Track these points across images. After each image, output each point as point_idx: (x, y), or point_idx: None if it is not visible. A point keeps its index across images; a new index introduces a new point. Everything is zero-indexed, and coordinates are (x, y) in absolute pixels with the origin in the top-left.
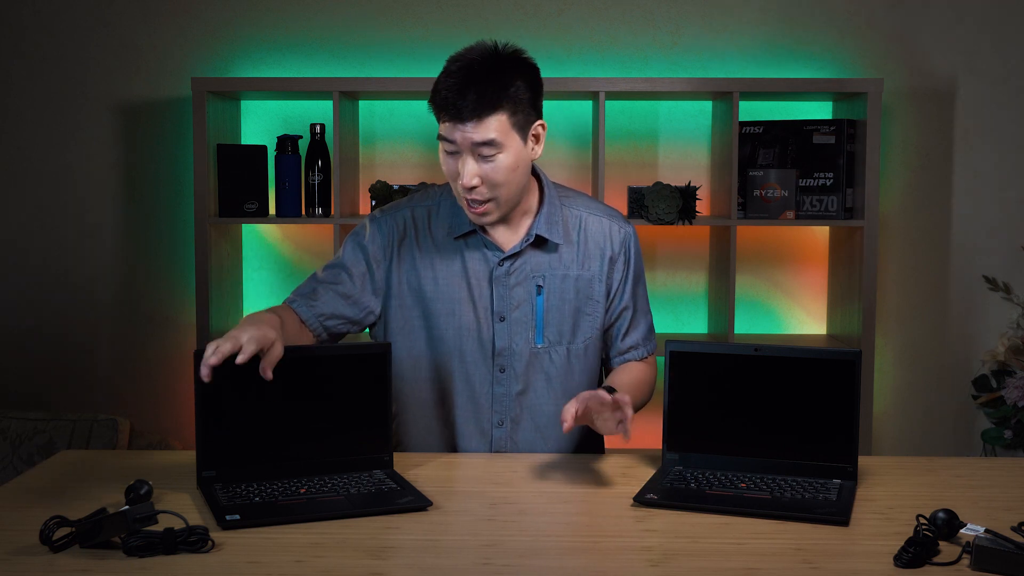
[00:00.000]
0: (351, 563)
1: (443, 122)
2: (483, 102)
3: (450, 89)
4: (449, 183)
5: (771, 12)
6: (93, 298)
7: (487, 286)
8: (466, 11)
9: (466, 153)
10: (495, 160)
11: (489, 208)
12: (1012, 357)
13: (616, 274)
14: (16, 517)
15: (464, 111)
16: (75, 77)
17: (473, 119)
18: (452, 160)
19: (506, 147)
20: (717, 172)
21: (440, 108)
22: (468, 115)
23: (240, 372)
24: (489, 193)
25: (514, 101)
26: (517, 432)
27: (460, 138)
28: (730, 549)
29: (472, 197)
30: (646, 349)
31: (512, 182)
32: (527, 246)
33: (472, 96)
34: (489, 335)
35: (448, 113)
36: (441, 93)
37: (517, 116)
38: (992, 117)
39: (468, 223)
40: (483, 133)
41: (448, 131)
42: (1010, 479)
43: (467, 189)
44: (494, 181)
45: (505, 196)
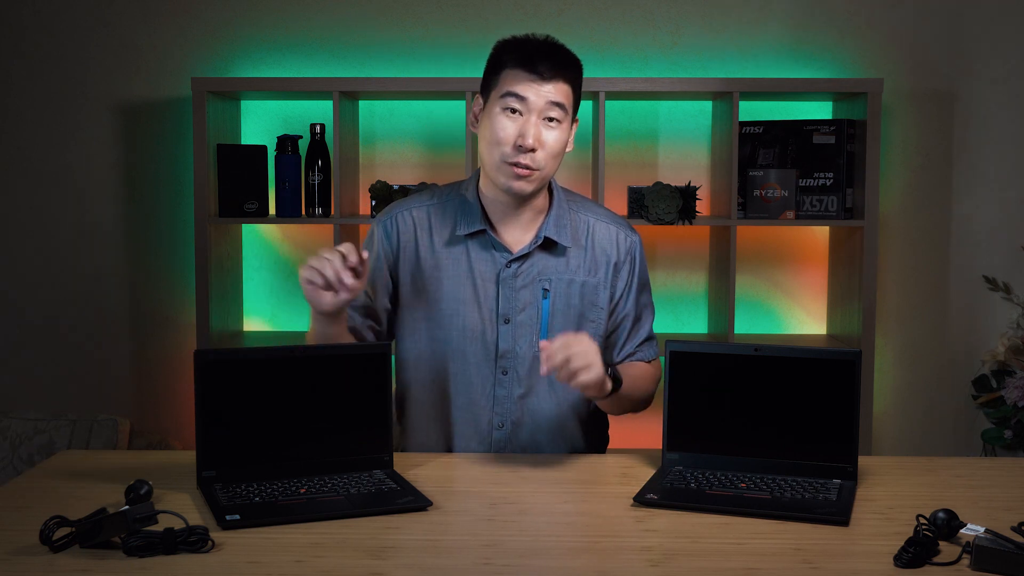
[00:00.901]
0: (351, 563)
1: (518, 75)
2: (564, 64)
3: (537, 47)
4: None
5: (771, 12)
6: (93, 298)
7: (493, 287)
8: (466, 11)
9: (533, 115)
10: (557, 129)
11: (535, 176)
12: (1012, 357)
13: (620, 282)
14: (16, 517)
15: (549, 69)
16: (75, 77)
17: (552, 78)
18: (512, 121)
19: (565, 121)
20: (717, 172)
21: (520, 61)
22: (551, 74)
23: (240, 372)
24: (542, 161)
25: (578, 79)
26: (517, 435)
27: (535, 96)
28: (730, 549)
29: (525, 161)
30: (647, 356)
31: (558, 159)
32: (535, 249)
33: (558, 57)
34: (493, 337)
35: (529, 65)
36: (525, 48)
37: (576, 96)
38: (992, 117)
39: (479, 221)
40: (558, 95)
41: (522, 85)
42: (1010, 479)
43: (525, 151)
44: (552, 149)
45: (549, 170)
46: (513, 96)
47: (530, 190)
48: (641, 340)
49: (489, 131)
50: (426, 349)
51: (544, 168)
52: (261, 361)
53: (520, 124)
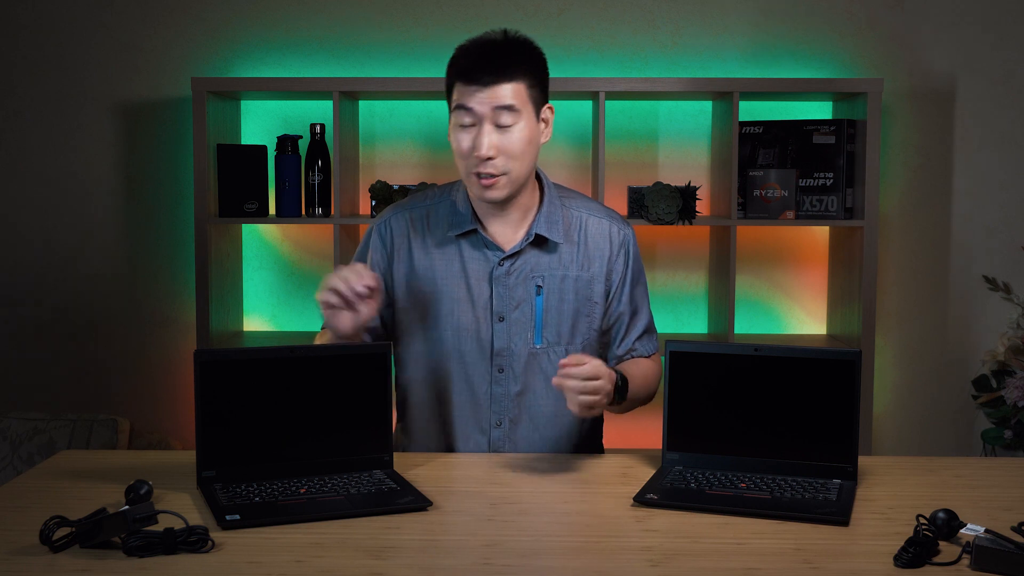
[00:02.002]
0: (351, 563)
1: (462, 89)
2: (504, 65)
3: (470, 55)
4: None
5: (771, 12)
6: (93, 298)
7: (487, 286)
8: (466, 11)
9: (484, 122)
10: (513, 131)
11: (501, 182)
12: (1012, 357)
13: (615, 276)
14: (16, 517)
15: (485, 74)
16: (75, 77)
17: (493, 83)
18: (467, 134)
19: (523, 117)
20: (717, 172)
21: (460, 73)
22: (489, 78)
23: (240, 372)
24: (504, 166)
25: (530, 72)
26: (515, 432)
27: (479, 103)
28: (730, 549)
29: (487, 170)
30: (646, 350)
31: (527, 156)
32: (527, 246)
33: (496, 60)
34: (488, 335)
35: (468, 77)
36: (461, 61)
37: (533, 90)
38: (992, 117)
39: (469, 220)
40: (502, 97)
41: (467, 98)
42: (1010, 479)
43: (483, 160)
44: (511, 152)
45: (517, 172)
46: (462, 109)
47: (502, 196)
48: (639, 333)
49: (453, 145)
50: (423, 349)
51: (511, 171)
52: (261, 361)
53: (474, 135)
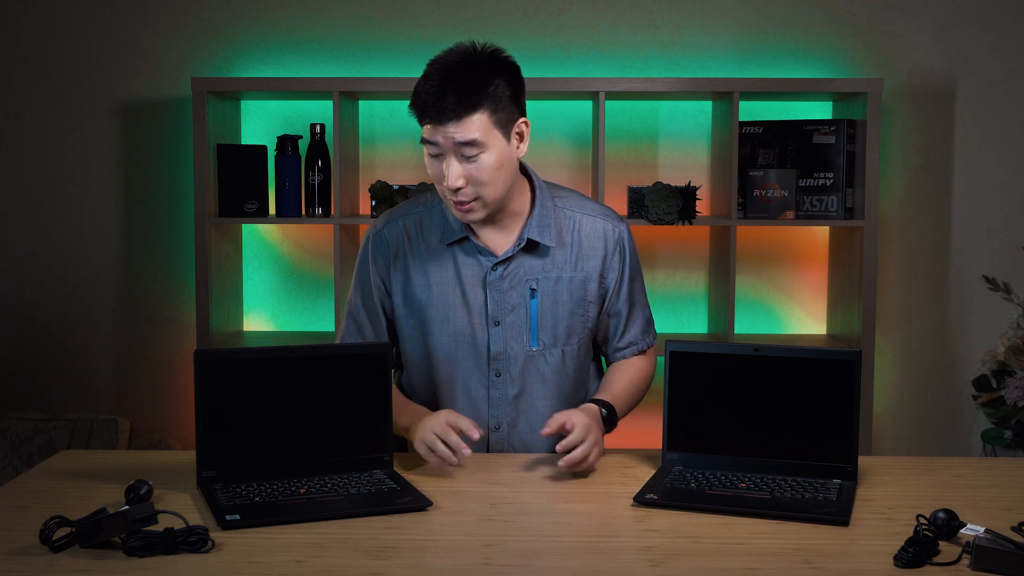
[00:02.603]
0: (351, 563)
1: (425, 125)
2: (462, 102)
3: (429, 92)
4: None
5: (771, 12)
6: (93, 298)
7: (481, 291)
8: (466, 11)
9: (449, 154)
10: (479, 160)
11: (475, 207)
12: (1012, 357)
13: (611, 273)
14: (16, 517)
15: (444, 112)
16: (75, 77)
17: (453, 119)
18: (436, 162)
19: (489, 146)
20: (717, 172)
21: (421, 111)
22: (448, 116)
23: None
24: (474, 193)
25: (494, 99)
26: (513, 435)
27: (442, 139)
28: (730, 549)
29: (458, 199)
30: (644, 343)
31: (497, 180)
32: (519, 250)
33: (451, 97)
34: (484, 340)
35: (428, 115)
36: (420, 96)
37: (498, 114)
38: (992, 117)
39: (460, 229)
40: (464, 133)
41: (430, 133)
42: (1010, 479)
43: (452, 191)
44: (479, 180)
45: (491, 195)
46: (427, 142)
47: (480, 217)
48: (637, 328)
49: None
50: (421, 355)
51: (482, 195)
52: (261, 361)
53: (441, 164)
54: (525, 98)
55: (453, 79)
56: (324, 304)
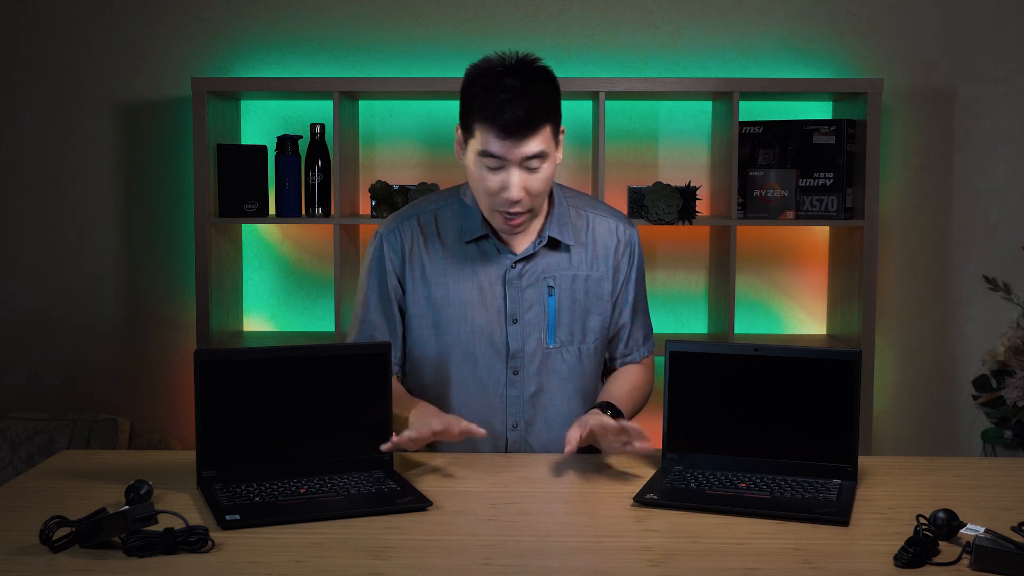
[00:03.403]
0: (351, 563)
1: (492, 139)
2: (537, 116)
3: (500, 106)
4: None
5: (771, 12)
6: (93, 298)
7: (500, 289)
8: (466, 11)
9: (513, 167)
10: (540, 171)
11: (527, 218)
12: (1012, 357)
13: (620, 274)
14: (16, 517)
15: (521, 127)
16: (75, 77)
17: (529, 134)
18: (494, 175)
19: (549, 157)
20: (717, 172)
21: (491, 125)
22: (525, 131)
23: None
24: (529, 204)
25: (554, 111)
26: (531, 433)
27: (513, 153)
28: (730, 549)
29: (515, 210)
30: (646, 349)
31: (547, 190)
32: (539, 248)
33: (525, 111)
34: (502, 338)
35: (504, 131)
36: (489, 110)
37: (555, 126)
38: (992, 117)
39: (479, 227)
40: (534, 146)
41: (499, 147)
42: (1010, 479)
43: (512, 203)
44: (536, 191)
45: (539, 204)
46: (489, 156)
47: (525, 229)
48: (639, 335)
49: (474, 178)
50: (435, 354)
51: (535, 204)
52: (261, 361)
53: (502, 178)
54: None
55: (524, 94)
56: (324, 304)
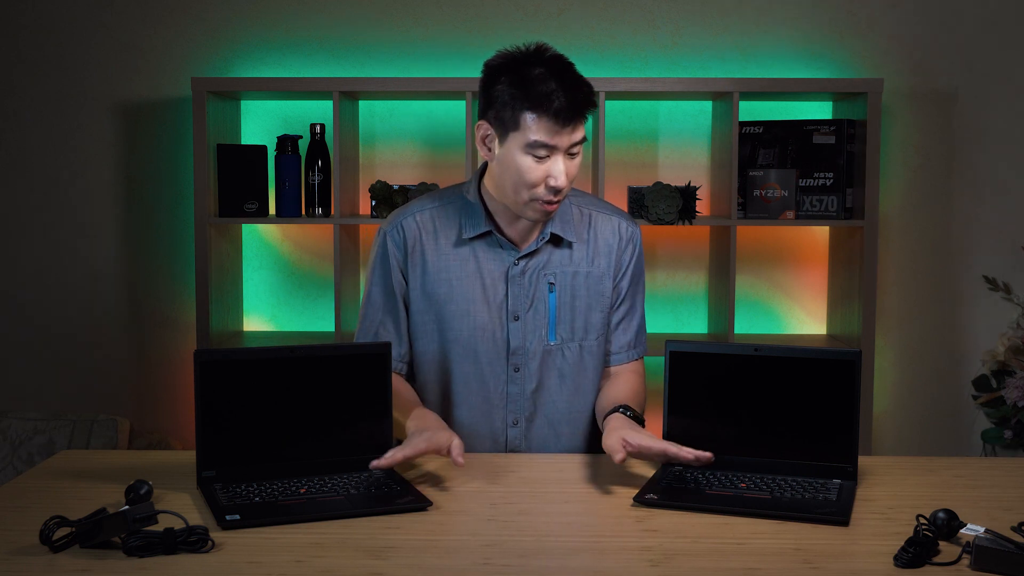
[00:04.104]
0: (351, 563)
1: (545, 128)
2: (587, 104)
3: (551, 96)
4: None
5: (771, 12)
6: (93, 298)
7: (502, 285)
8: (466, 11)
9: (560, 155)
10: (577, 157)
11: (559, 203)
12: (1012, 357)
13: (621, 265)
14: (16, 517)
15: (574, 114)
16: (75, 77)
17: (580, 121)
18: (540, 165)
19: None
20: (717, 172)
21: (547, 115)
22: (578, 118)
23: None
24: (567, 190)
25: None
26: (531, 431)
27: (564, 141)
28: (730, 549)
29: (556, 198)
30: (637, 351)
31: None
32: (543, 244)
33: (577, 100)
34: (503, 334)
35: (559, 119)
36: (543, 101)
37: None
38: (992, 117)
39: (483, 223)
40: (581, 133)
41: (550, 136)
42: (1010, 479)
43: (558, 191)
44: (573, 176)
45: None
46: (542, 146)
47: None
48: (636, 332)
49: (515, 172)
50: (438, 351)
51: (568, 190)
52: (261, 361)
53: (548, 166)
54: None
55: (570, 82)
56: (324, 304)
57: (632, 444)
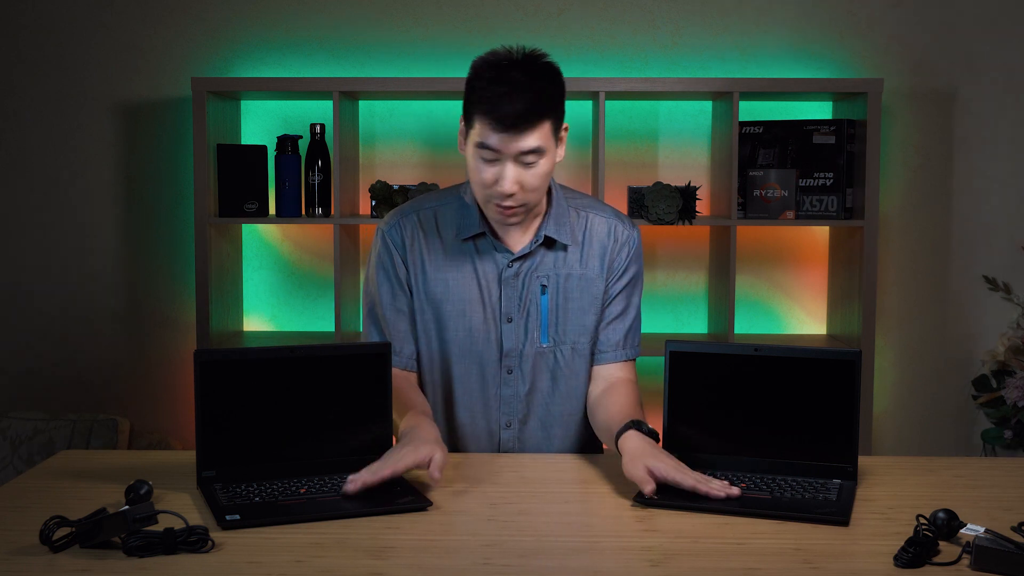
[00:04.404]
0: (351, 563)
1: (488, 131)
2: (534, 111)
3: (499, 98)
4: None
5: (771, 12)
6: (93, 298)
7: (496, 287)
8: (466, 11)
9: (508, 160)
10: (536, 167)
11: (521, 212)
12: (1012, 357)
13: (613, 273)
14: (16, 517)
15: (517, 121)
16: (75, 77)
17: (526, 128)
18: (489, 167)
19: (546, 153)
20: (717, 172)
21: (489, 118)
22: (522, 124)
23: (240, 372)
24: (523, 198)
25: (556, 108)
26: (524, 433)
27: (508, 147)
28: (730, 549)
29: (508, 204)
30: (627, 352)
31: (544, 186)
32: (536, 247)
33: (522, 105)
34: (497, 336)
35: (499, 123)
36: (490, 102)
37: (556, 122)
38: (992, 117)
39: (477, 225)
40: (531, 141)
41: (495, 140)
42: (1010, 479)
43: (505, 196)
44: (531, 186)
45: (535, 200)
46: (485, 148)
47: (520, 221)
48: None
49: (471, 170)
50: (436, 351)
51: (529, 201)
52: (261, 361)
53: (497, 169)
54: None
55: (522, 87)
56: (324, 304)
57: (660, 476)
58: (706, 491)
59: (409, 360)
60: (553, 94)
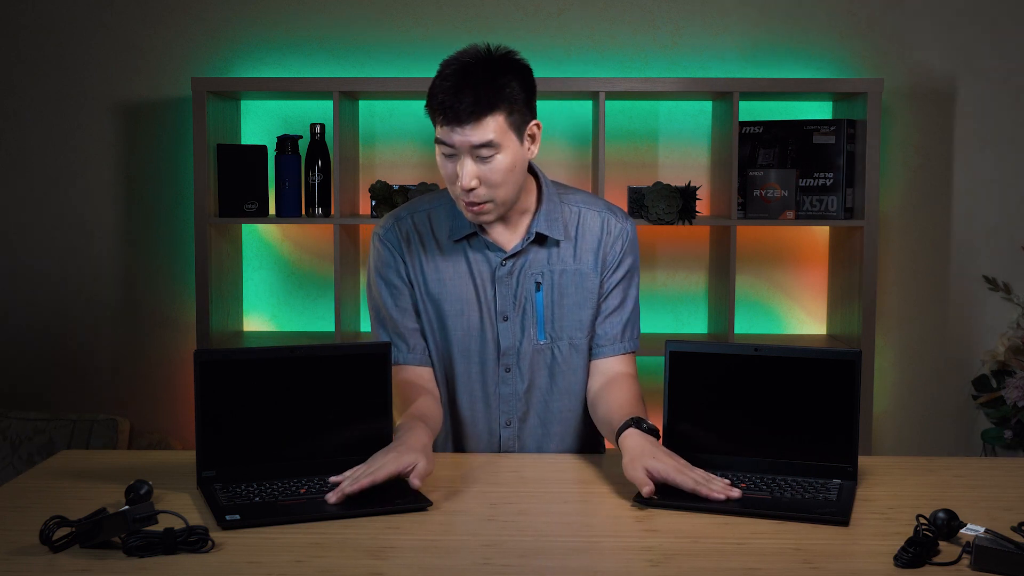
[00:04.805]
0: (351, 563)
1: (440, 126)
2: (481, 104)
3: (446, 92)
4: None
5: (771, 12)
6: (93, 298)
7: (491, 286)
8: (466, 11)
9: (464, 155)
10: (493, 161)
11: (487, 208)
12: (1012, 357)
13: (608, 267)
14: (16, 517)
15: (462, 114)
16: (75, 77)
17: (471, 121)
18: (450, 163)
19: (504, 148)
20: (717, 172)
21: (437, 112)
22: (466, 117)
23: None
24: (487, 194)
25: (510, 101)
26: (523, 430)
27: (458, 141)
28: (730, 549)
29: (470, 199)
30: (626, 345)
31: (509, 182)
32: (528, 244)
33: (469, 98)
34: (493, 335)
35: (446, 116)
36: (438, 97)
37: (513, 116)
38: (992, 117)
39: (468, 225)
40: (481, 135)
41: (446, 135)
42: (1010, 479)
43: (466, 191)
44: (492, 182)
45: (503, 196)
46: (441, 143)
47: (492, 219)
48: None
49: (439, 167)
50: (439, 350)
51: (495, 197)
52: (261, 361)
53: (455, 165)
54: (536, 100)
55: (471, 81)
56: (324, 304)
57: (659, 477)
58: (707, 493)
59: (423, 356)
60: (507, 89)
